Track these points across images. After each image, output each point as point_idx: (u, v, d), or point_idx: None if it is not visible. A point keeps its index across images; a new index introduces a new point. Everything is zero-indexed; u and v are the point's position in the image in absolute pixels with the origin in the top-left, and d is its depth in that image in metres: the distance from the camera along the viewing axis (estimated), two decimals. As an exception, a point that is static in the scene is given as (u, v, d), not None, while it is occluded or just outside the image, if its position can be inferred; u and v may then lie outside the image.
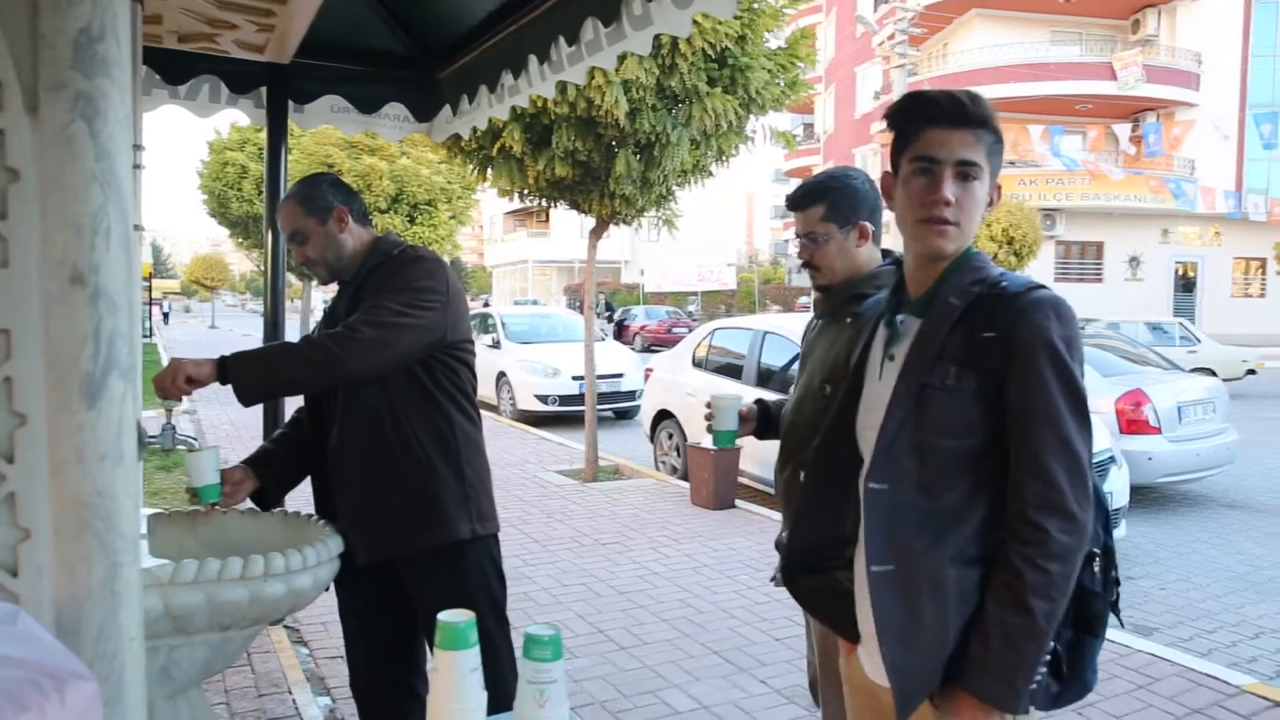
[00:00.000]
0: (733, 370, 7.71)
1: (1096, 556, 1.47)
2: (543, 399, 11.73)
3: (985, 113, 1.47)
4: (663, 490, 7.52)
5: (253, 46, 3.60)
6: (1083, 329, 1.56)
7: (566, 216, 23.05)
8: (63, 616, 1.31)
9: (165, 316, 40.60)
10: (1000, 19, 28.58)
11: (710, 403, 2.37)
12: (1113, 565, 1.50)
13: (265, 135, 3.94)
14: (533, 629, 1.28)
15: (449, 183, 18.99)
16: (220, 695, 3.43)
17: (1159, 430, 6.92)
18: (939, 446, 1.44)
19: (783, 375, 6.89)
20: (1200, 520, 6.87)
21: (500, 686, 1.78)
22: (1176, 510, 7.19)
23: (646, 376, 9.26)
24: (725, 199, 43.02)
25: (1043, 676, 1.41)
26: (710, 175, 7.49)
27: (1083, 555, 1.39)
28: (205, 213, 22.12)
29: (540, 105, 6.08)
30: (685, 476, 7.62)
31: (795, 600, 1.78)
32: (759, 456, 6.85)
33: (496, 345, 12.82)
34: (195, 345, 24.42)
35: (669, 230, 8.03)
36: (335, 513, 2.30)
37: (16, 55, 1.29)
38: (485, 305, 26.11)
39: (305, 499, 2.45)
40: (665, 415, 8.45)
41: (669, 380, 8.50)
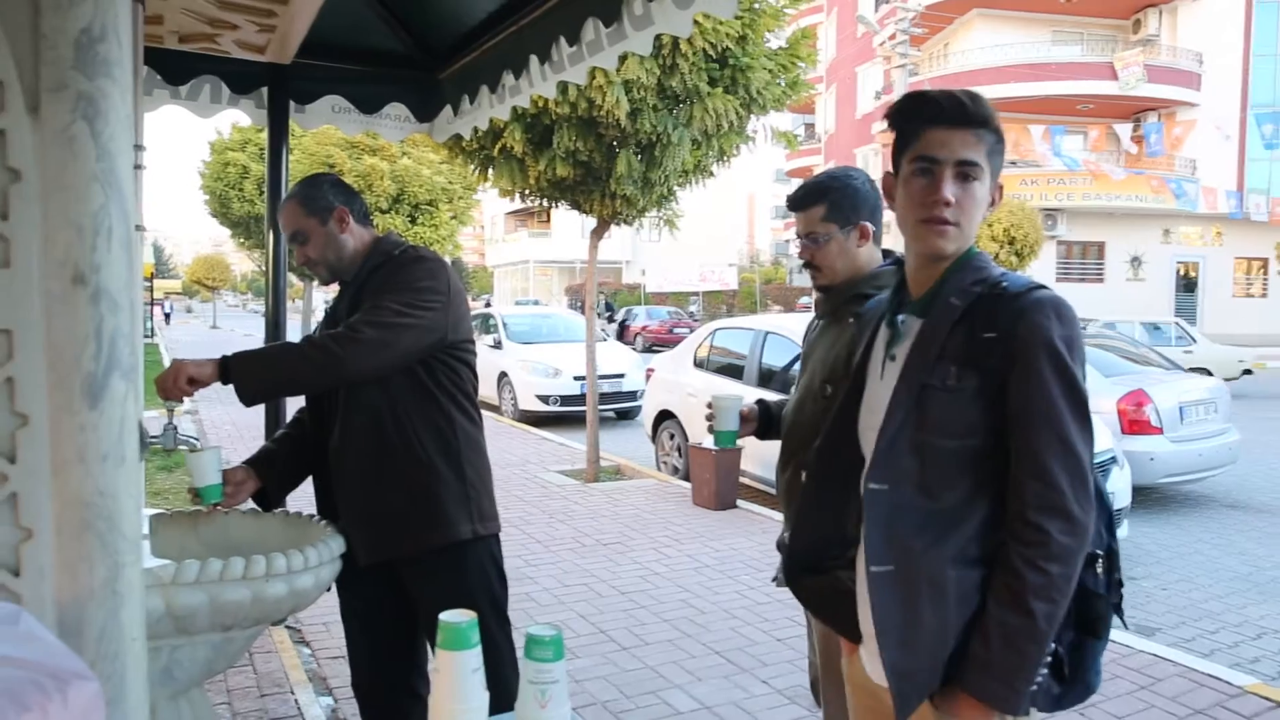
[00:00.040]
0: (734, 370, 7.71)
1: (1099, 558, 1.46)
2: (544, 399, 11.73)
3: (986, 112, 1.46)
4: (664, 490, 7.51)
5: (254, 47, 3.61)
6: (1083, 329, 1.54)
7: (568, 217, 23.04)
8: (65, 616, 1.31)
9: (167, 317, 40.64)
10: (1001, 19, 28.58)
11: (711, 403, 2.37)
12: (1116, 567, 1.50)
13: (266, 135, 3.94)
14: (534, 629, 1.28)
15: (450, 183, 19.01)
16: (222, 695, 3.43)
17: (1161, 430, 6.91)
18: (939, 447, 1.44)
19: (784, 375, 6.89)
20: (1202, 520, 6.86)
21: (502, 687, 1.78)
22: (1178, 511, 7.18)
23: (648, 377, 9.26)
24: (726, 199, 43.02)
25: (1043, 678, 1.41)
26: (711, 175, 7.49)
27: (1084, 556, 1.39)
28: (207, 213, 22.16)
29: (541, 105, 6.08)
30: (687, 477, 7.62)
31: (797, 600, 1.78)
32: (760, 457, 6.85)
33: (498, 345, 12.82)
34: (197, 345, 24.44)
35: (670, 230, 8.03)
36: (337, 513, 2.30)
37: (18, 55, 1.29)
38: (487, 305, 26.12)
39: (307, 499, 2.45)
40: (667, 415, 8.45)
41: (670, 380, 8.49)
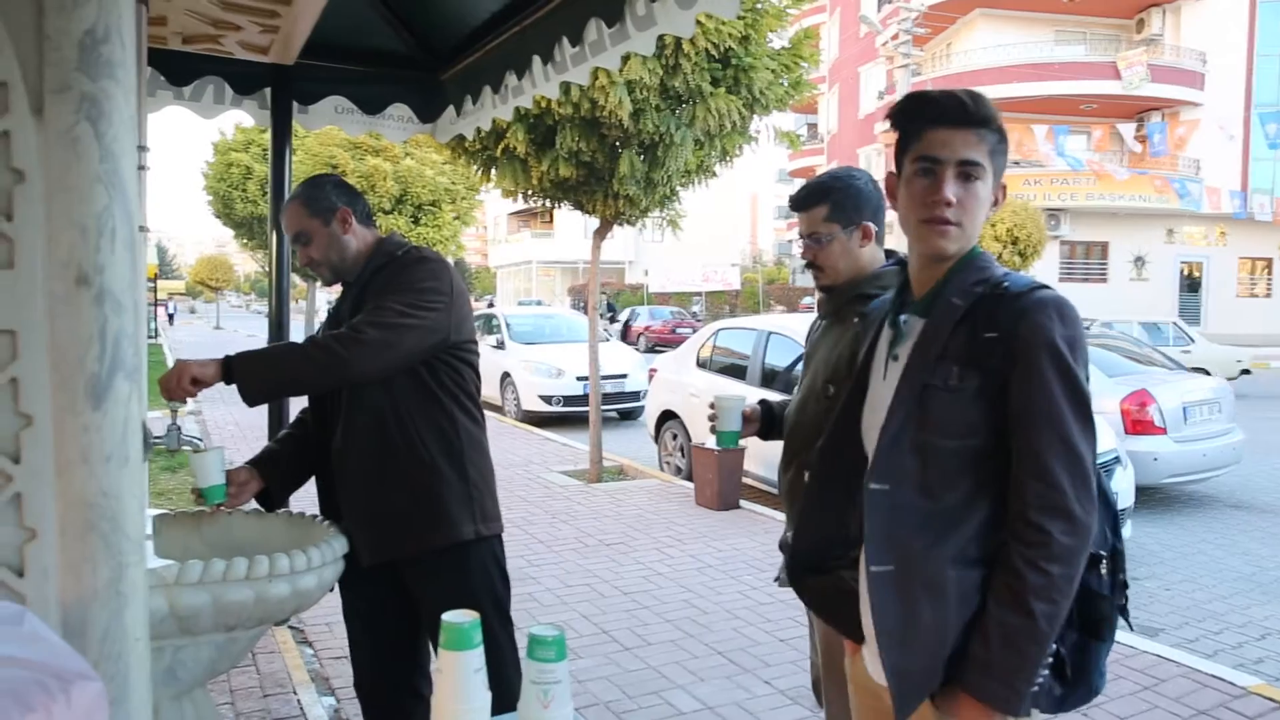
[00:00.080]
0: (737, 371, 7.71)
1: (1104, 559, 1.46)
2: (547, 399, 11.73)
3: (988, 112, 1.46)
4: (667, 491, 7.51)
5: (257, 48, 3.61)
6: (1087, 329, 1.54)
7: (570, 217, 23.03)
8: (68, 617, 1.31)
9: (170, 317, 40.70)
10: (1004, 18, 28.55)
11: (713, 403, 2.37)
12: (1121, 568, 1.49)
13: (269, 136, 3.95)
14: (537, 629, 1.28)
15: (453, 183, 19.02)
16: (225, 695, 3.44)
17: (1164, 431, 6.90)
18: (941, 447, 1.44)
19: (787, 376, 6.89)
20: (1206, 521, 6.84)
21: (504, 687, 1.78)
22: (1182, 511, 7.16)
23: (650, 377, 9.25)
24: (729, 199, 43.00)
25: (1045, 679, 1.41)
26: (714, 175, 7.49)
27: (1085, 557, 1.38)
28: (210, 214, 22.18)
29: (544, 106, 6.08)
30: (690, 477, 7.61)
31: (801, 600, 1.77)
32: (763, 457, 6.84)
33: (501, 346, 12.82)
34: (200, 346, 24.48)
35: (673, 231, 8.02)
36: (340, 513, 2.31)
37: (22, 57, 1.30)
38: (490, 306, 26.10)
39: (310, 499, 2.46)
40: (669, 416, 8.44)
41: (673, 381, 8.49)
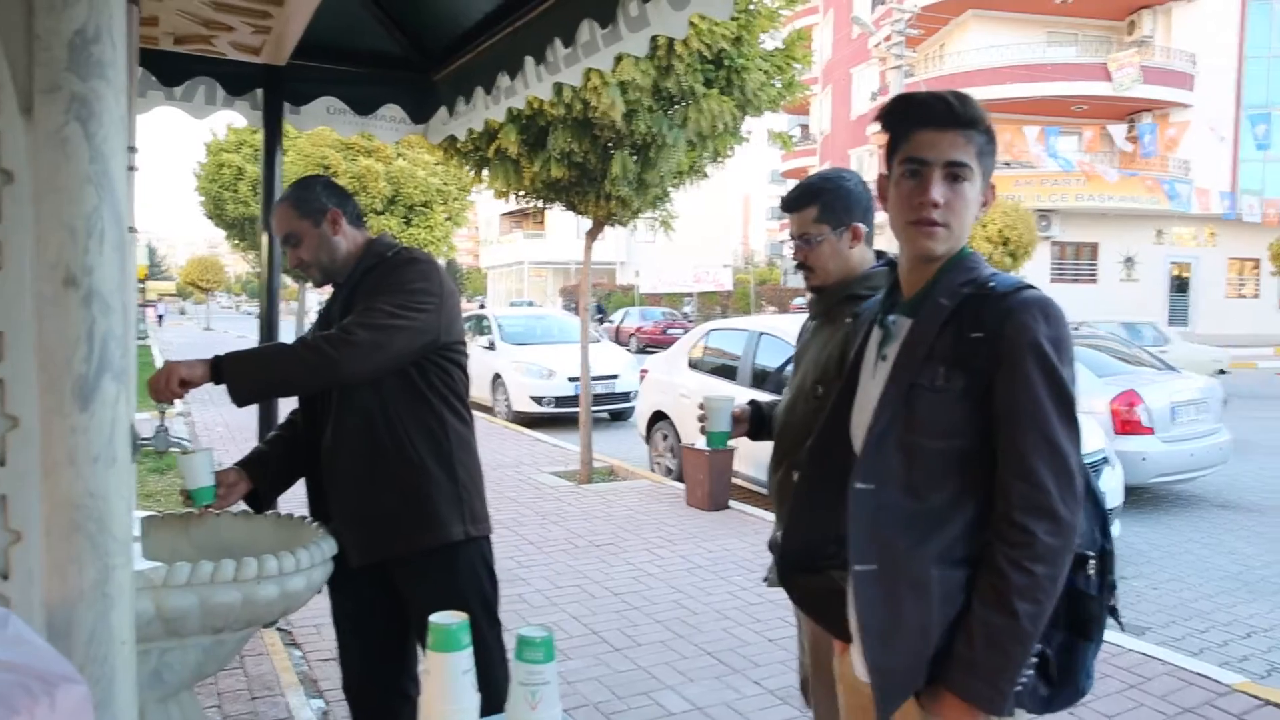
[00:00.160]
0: (728, 371, 7.72)
1: (1091, 559, 1.46)
2: (538, 400, 11.72)
3: (975, 114, 1.47)
4: (657, 491, 7.52)
5: (249, 48, 3.60)
6: (1075, 329, 1.54)
7: (562, 218, 23.00)
8: (54, 619, 1.31)
9: (160, 319, 40.53)
10: (996, 20, 28.66)
11: (703, 404, 2.38)
12: (1109, 568, 1.49)
13: (261, 137, 3.94)
14: (525, 630, 1.28)
15: (445, 184, 18.96)
16: (213, 698, 3.43)
17: (1152, 431, 6.94)
18: (926, 447, 1.44)
19: (778, 376, 6.89)
20: (1193, 520, 6.88)
21: (493, 688, 1.78)
22: (1169, 510, 7.20)
23: (642, 378, 9.26)
24: (721, 200, 43.04)
25: (1029, 678, 1.41)
26: (706, 176, 7.50)
27: (1070, 557, 1.39)
28: (201, 214, 22.08)
29: (536, 107, 6.08)
30: (680, 478, 7.62)
31: (790, 599, 1.78)
32: (753, 457, 6.85)
33: (492, 347, 12.79)
34: (190, 347, 24.37)
35: (665, 231, 8.03)
36: (329, 514, 2.30)
37: (11, 57, 1.29)
38: (481, 307, 26.06)
39: (299, 501, 2.45)
40: (660, 416, 8.45)
41: (664, 381, 8.50)
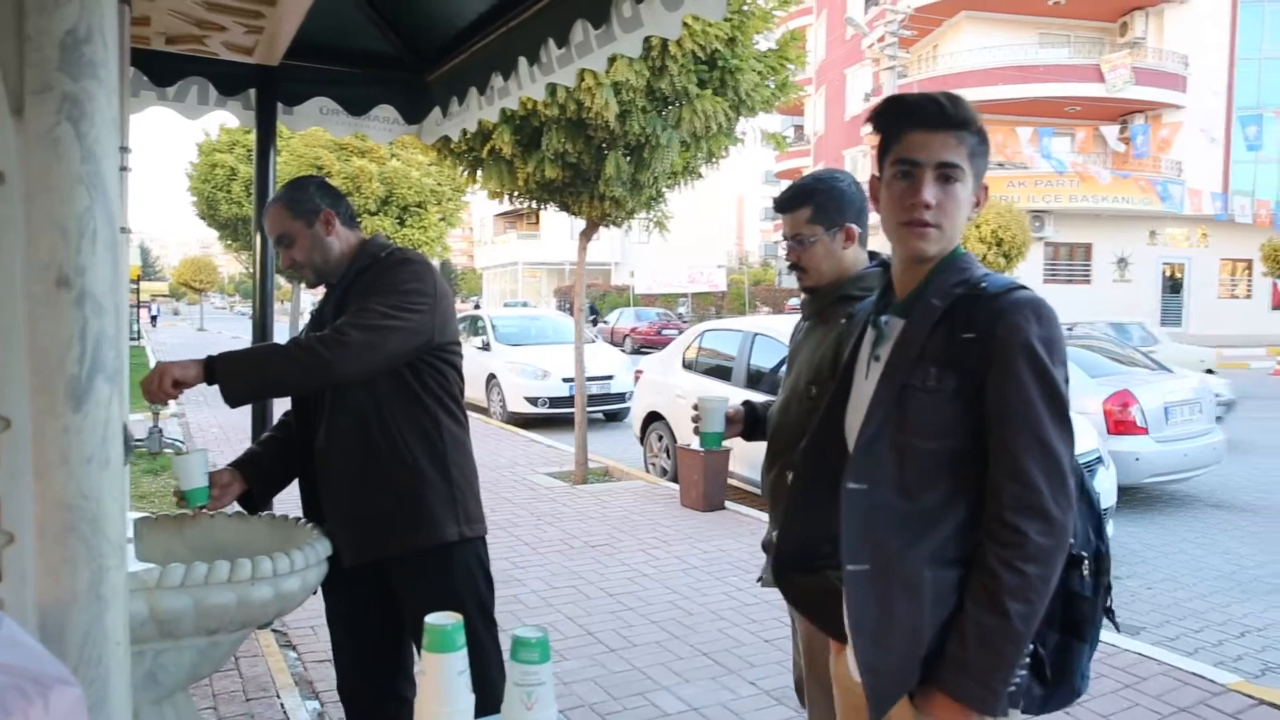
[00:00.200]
0: (723, 372, 7.72)
1: (1085, 560, 1.46)
2: (532, 401, 11.71)
3: (966, 114, 1.47)
4: (652, 492, 7.52)
5: (241, 48, 3.59)
6: (1069, 330, 1.55)
7: (557, 218, 22.97)
8: (47, 621, 1.30)
9: (153, 319, 40.40)
10: (989, 21, 28.74)
11: (697, 404, 2.38)
12: (1105, 569, 1.49)
13: (254, 137, 3.93)
14: (520, 631, 1.28)
15: (439, 185, 18.95)
16: (208, 700, 3.42)
17: (1146, 431, 6.96)
18: (919, 448, 1.44)
19: (773, 377, 6.90)
20: (1187, 520, 6.90)
21: (488, 689, 1.77)
22: (1163, 510, 7.22)
23: (636, 378, 9.26)
24: (715, 201, 43.07)
25: (1023, 679, 1.41)
26: (700, 177, 7.49)
27: (1063, 557, 1.39)
28: (194, 215, 22.04)
29: (530, 107, 6.08)
30: (675, 478, 7.62)
31: (786, 599, 1.78)
32: (748, 458, 6.86)
33: (486, 347, 12.78)
34: (183, 348, 24.30)
35: (659, 232, 8.03)
36: (323, 514, 2.30)
37: (2, 57, 1.28)
38: (476, 307, 26.01)
39: (293, 502, 2.45)
40: (655, 417, 8.45)
41: (659, 382, 8.50)
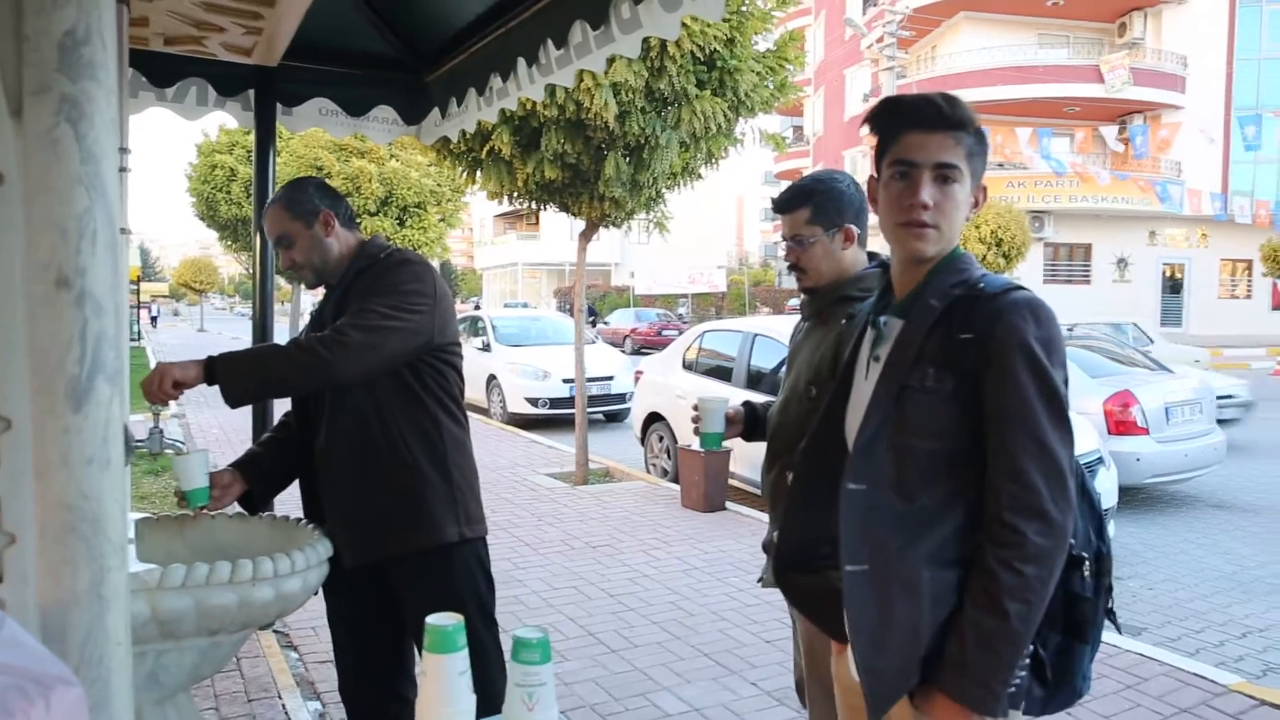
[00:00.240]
0: (723, 373, 7.72)
1: (1086, 560, 1.46)
2: (533, 402, 11.71)
3: (963, 115, 1.46)
4: (653, 493, 7.51)
5: (240, 49, 3.59)
6: (1069, 331, 1.55)
7: (556, 219, 22.97)
8: (48, 622, 1.30)
9: (153, 320, 40.42)
10: (988, 22, 28.75)
11: (697, 405, 2.38)
12: (1105, 570, 1.48)
13: (253, 138, 3.93)
14: (521, 632, 1.28)
15: (438, 185, 18.94)
16: (209, 700, 3.42)
17: (1147, 431, 6.96)
18: (917, 448, 1.44)
19: (773, 377, 6.90)
20: (1188, 521, 6.90)
21: (489, 689, 1.77)
22: (1164, 511, 7.22)
23: (637, 379, 9.26)
24: (715, 201, 43.09)
25: (1023, 679, 1.41)
26: (699, 178, 7.49)
27: (1063, 558, 1.38)
28: (194, 215, 22.04)
29: (529, 108, 6.08)
30: (676, 479, 7.62)
31: (787, 600, 1.78)
32: (749, 458, 6.85)
33: (487, 348, 12.78)
34: (184, 348, 24.31)
35: (659, 233, 8.03)
36: (323, 515, 2.30)
37: (1, 58, 1.29)
38: (476, 308, 26.02)
39: (294, 503, 2.45)
40: (656, 418, 8.45)
41: (659, 383, 8.50)
